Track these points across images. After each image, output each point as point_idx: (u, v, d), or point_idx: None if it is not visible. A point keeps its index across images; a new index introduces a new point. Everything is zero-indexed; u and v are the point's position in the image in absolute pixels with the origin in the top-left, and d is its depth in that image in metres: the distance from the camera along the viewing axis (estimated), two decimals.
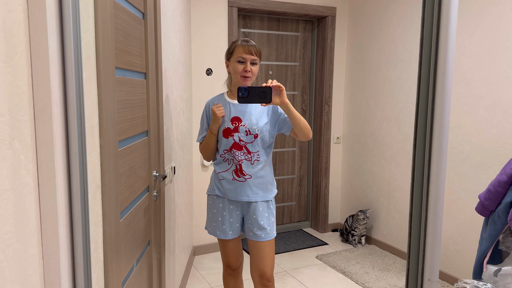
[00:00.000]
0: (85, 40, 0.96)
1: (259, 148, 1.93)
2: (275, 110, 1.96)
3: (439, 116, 0.80)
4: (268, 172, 1.97)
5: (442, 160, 0.82)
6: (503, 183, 1.63)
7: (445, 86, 0.79)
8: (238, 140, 1.91)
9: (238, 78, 1.91)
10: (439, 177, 0.82)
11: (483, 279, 1.75)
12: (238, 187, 1.93)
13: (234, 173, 1.93)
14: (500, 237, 1.71)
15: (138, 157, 1.54)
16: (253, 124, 1.91)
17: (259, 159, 1.93)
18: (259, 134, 1.91)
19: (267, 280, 1.95)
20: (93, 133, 1.02)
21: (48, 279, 0.80)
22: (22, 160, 0.72)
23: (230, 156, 1.94)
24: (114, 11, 1.22)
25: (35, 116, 0.76)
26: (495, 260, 1.75)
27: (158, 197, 1.85)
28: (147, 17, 1.66)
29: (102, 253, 1.11)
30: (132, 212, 1.45)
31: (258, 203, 1.94)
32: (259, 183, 1.94)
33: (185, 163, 2.81)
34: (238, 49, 1.89)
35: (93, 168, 1.02)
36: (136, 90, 1.49)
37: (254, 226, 1.94)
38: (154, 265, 1.79)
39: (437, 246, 0.84)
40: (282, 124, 1.95)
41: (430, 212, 0.84)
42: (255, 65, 1.92)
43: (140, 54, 1.56)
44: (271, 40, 3.63)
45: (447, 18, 0.77)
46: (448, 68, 0.78)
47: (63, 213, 0.80)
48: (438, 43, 0.78)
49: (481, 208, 1.73)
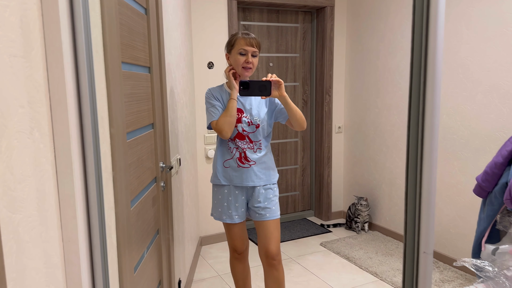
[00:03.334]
0: (93, 36, 1.01)
1: (261, 137, 2.05)
2: (271, 101, 2.07)
3: (430, 99, 0.85)
4: (269, 158, 2.10)
5: (434, 139, 0.87)
6: (499, 165, 1.68)
7: (435, 73, 0.84)
8: (241, 130, 2.02)
9: (240, 70, 1.99)
10: (432, 156, 0.87)
11: (482, 258, 1.80)
12: (243, 173, 2.03)
13: (239, 160, 2.04)
14: (497, 217, 1.76)
15: (145, 148, 1.60)
16: (254, 115, 2.02)
17: (261, 147, 2.05)
18: (260, 125, 2.02)
19: (272, 258, 2.02)
20: (103, 124, 1.07)
21: (68, 259, 0.86)
22: (41, 148, 0.78)
23: (234, 144, 2.04)
24: (118, 7, 1.27)
25: (51, 107, 0.81)
26: (493, 239, 1.81)
27: (166, 187, 1.91)
28: (150, 13, 1.70)
29: (115, 238, 1.17)
30: (141, 201, 1.51)
31: (262, 186, 2.05)
32: (263, 168, 2.05)
33: (189, 154, 2.86)
34: (239, 41, 1.96)
35: (105, 157, 1.08)
36: (141, 84, 1.55)
37: (259, 207, 2.05)
38: (163, 253, 1.86)
39: (431, 221, 0.89)
40: (279, 114, 2.07)
41: (423, 189, 0.90)
42: (255, 57, 2.00)
43: (143, 49, 1.61)
44: (271, 32, 3.66)
45: (435, 9, 0.82)
46: (437, 55, 0.83)
47: (80, 198, 0.86)
48: (428, 33, 0.83)
49: (479, 190, 1.78)
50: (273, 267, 2.04)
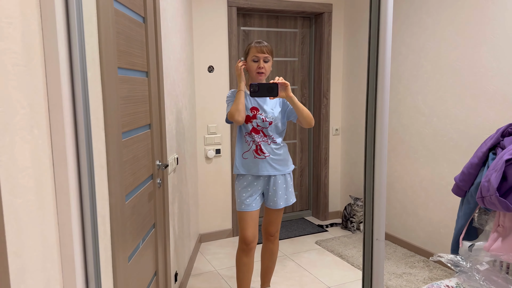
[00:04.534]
0: (90, 45, 1.14)
1: (273, 133, 2.31)
2: (284, 101, 2.35)
3: (380, 105, 0.96)
4: (284, 150, 2.37)
5: (383, 143, 0.98)
6: (475, 165, 1.78)
7: (384, 78, 0.95)
8: (256, 125, 2.30)
9: (254, 75, 2.27)
10: (382, 158, 0.98)
11: (460, 254, 1.90)
12: (259, 163, 2.30)
13: (255, 152, 2.31)
14: (474, 215, 1.85)
15: (142, 147, 1.72)
16: (268, 113, 2.29)
17: (275, 141, 2.32)
18: (273, 122, 2.29)
19: (270, 235, 2.46)
20: (99, 124, 1.20)
21: (62, 241, 0.98)
22: (40, 144, 0.90)
23: (251, 138, 2.32)
24: (115, 17, 1.40)
25: (49, 109, 0.94)
26: (471, 236, 1.90)
27: (162, 184, 2.04)
28: (147, 21, 1.83)
29: (109, 227, 1.29)
30: (136, 196, 1.64)
31: (277, 176, 2.33)
32: (277, 159, 2.32)
33: (189, 155, 2.99)
34: (252, 49, 2.26)
35: (99, 154, 1.20)
36: (138, 87, 1.67)
37: (274, 195, 2.34)
38: (159, 246, 1.98)
39: (382, 212, 1.00)
40: (290, 114, 2.35)
41: (376, 187, 1.01)
42: (268, 62, 2.27)
43: (141, 54, 1.73)
44: (270, 37, 3.78)
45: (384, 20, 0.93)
46: (386, 68, 0.94)
47: (73, 187, 0.98)
48: (378, 49, 0.94)
49: (457, 189, 1.87)
50: (270, 241, 2.47)
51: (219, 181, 3.57)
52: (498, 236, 1.69)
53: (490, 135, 1.78)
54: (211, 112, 3.47)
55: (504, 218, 1.67)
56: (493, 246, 1.67)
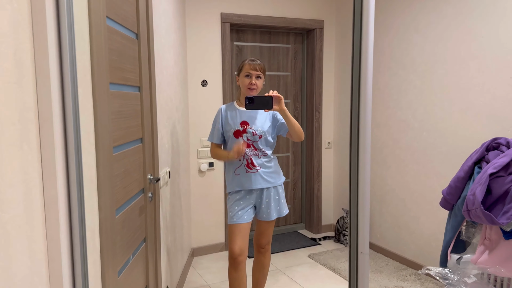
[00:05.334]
0: (82, 62, 1.16)
1: (263, 146, 2.37)
2: (274, 116, 2.41)
3: (363, 117, 0.99)
4: (274, 163, 2.44)
5: (366, 161, 1.00)
6: (461, 179, 1.81)
7: (366, 90, 0.98)
8: (247, 139, 2.36)
9: (246, 90, 2.35)
10: (365, 174, 1.01)
11: (449, 267, 1.91)
12: (252, 177, 2.36)
13: (246, 166, 2.37)
14: (462, 228, 1.87)
15: (133, 161, 1.74)
16: (258, 127, 2.35)
17: (266, 154, 2.38)
18: (263, 136, 2.35)
19: (261, 247, 2.48)
20: (89, 139, 1.22)
21: (51, 256, 0.99)
22: (30, 159, 0.92)
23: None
24: (108, 34, 1.43)
25: (39, 125, 0.96)
26: (459, 249, 1.92)
27: (153, 198, 2.05)
28: (140, 37, 1.87)
29: (98, 242, 1.30)
30: (127, 210, 1.64)
31: (270, 188, 2.39)
32: (269, 172, 2.38)
33: (182, 168, 3.00)
34: (246, 66, 2.34)
35: (90, 169, 1.22)
36: (130, 102, 1.69)
37: (267, 207, 2.38)
38: (150, 260, 1.98)
39: (365, 228, 1.02)
40: (280, 128, 2.40)
41: (360, 203, 1.03)
42: (260, 79, 2.36)
43: (133, 70, 1.76)
44: (263, 52, 3.84)
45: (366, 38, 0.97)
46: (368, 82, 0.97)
47: (62, 202, 1.00)
48: (360, 64, 0.97)
49: (444, 202, 1.90)
50: (261, 254, 2.50)
51: (212, 194, 3.58)
52: (485, 249, 1.71)
53: (476, 149, 1.82)
54: (204, 126, 3.50)
55: (491, 231, 1.70)
56: (480, 259, 1.69)
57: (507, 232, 1.59)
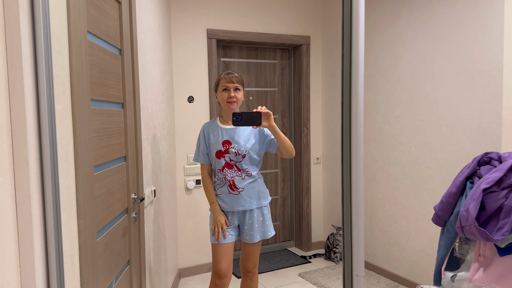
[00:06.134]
0: (60, 78, 1.11)
1: (247, 166, 2.25)
2: (261, 133, 2.29)
3: (355, 136, 0.95)
4: (259, 183, 2.31)
5: (359, 177, 0.96)
6: (453, 194, 1.78)
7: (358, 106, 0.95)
8: (229, 160, 2.25)
9: (226, 105, 2.24)
10: (358, 192, 0.96)
11: (443, 285, 1.87)
12: (234, 199, 2.25)
13: (229, 187, 2.26)
14: (455, 245, 1.84)
15: (116, 180, 1.67)
16: (241, 146, 2.23)
17: (250, 174, 2.26)
18: (247, 155, 2.23)
19: (248, 271, 2.36)
20: (68, 159, 1.15)
21: (24, 284, 0.92)
22: (1, 181, 0.85)
23: (223, 174, 2.26)
24: (90, 50, 1.37)
25: (13, 145, 0.89)
26: (453, 266, 1.87)
27: (137, 218, 1.97)
28: (124, 53, 1.82)
29: (78, 267, 1.22)
30: (110, 231, 1.57)
31: (253, 210, 2.27)
32: (252, 193, 2.26)
33: (167, 186, 2.93)
34: (222, 80, 2.25)
35: (68, 190, 1.15)
36: (112, 119, 1.63)
37: (250, 229, 2.27)
38: (134, 283, 1.89)
39: (360, 250, 0.97)
40: (269, 145, 2.29)
41: (353, 222, 0.98)
42: (238, 91, 2.25)
43: (117, 86, 1.71)
44: (250, 68, 3.82)
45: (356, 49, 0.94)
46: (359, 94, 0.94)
47: (37, 228, 0.93)
48: (351, 77, 0.94)
49: (436, 219, 1.86)
50: (248, 277, 2.37)
51: (199, 212, 3.50)
52: (479, 266, 1.67)
53: (467, 164, 1.80)
54: (191, 142, 3.44)
55: (485, 248, 1.66)
56: (475, 277, 1.65)
57: (501, 249, 1.55)
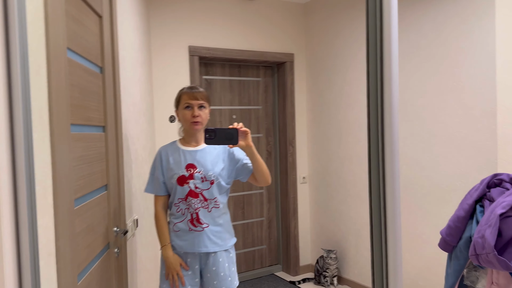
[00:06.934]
0: (37, 101, 0.94)
1: (216, 194, 1.91)
2: (231, 156, 1.95)
3: (389, 151, 0.82)
4: (226, 219, 1.95)
5: (396, 202, 0.83)
6: (461, 218, 1.69)
7: (392, 119, 0.82)
8: (194, 187, 1.88)
9: (189, 125, 1.91)
10: (395, 211, 0.83)
11: None
12: (195, 237, 1.88)
13: (190, 223, 1.89)
14: (464, 272, 1.74)
15: (97, 213, 1.49)
16: (208, 170, 1.89)
17: (217, 205, 1.91)
18: (215, 181, 1.89)
19: None
20: (46, 196, 0.98)
21: None
22: None
23: (185, 205, 1.90)
24: (69, 68, 1.22)
25: None
26: None
27: (120, 253, 1.78)
28: (105, 71, 1.66)
29: None
30: (91, 272, 1.39)
31: (218, 253, 1.90)
32: (218, 231, 1.91)
33: (148, 213, 2.73)
34: (184, 96, 1.92)
35: (47, 231, 0.98)
36: (93, 144, 1.47)
37: (214, 278, 1.90)
38: None
39: (398, 279, 0.83)
40: (240, 171, 1.95)
41: (389, 248, 0.85)
42: (203, 108, 1.92)
43: (98, 108, 1.55)
44: (233, 85, 3.70)
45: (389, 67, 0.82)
46: (393, 106, 0.82)
47: (10, 276, 0.75)
48: (383, 87, 0.82)
49: (444, 244, 1.76)
50: None
51: None
52: None
53: (474, 186, 1.72)
54: None
55: (498, 275, 1.56)
56: None
57: None
